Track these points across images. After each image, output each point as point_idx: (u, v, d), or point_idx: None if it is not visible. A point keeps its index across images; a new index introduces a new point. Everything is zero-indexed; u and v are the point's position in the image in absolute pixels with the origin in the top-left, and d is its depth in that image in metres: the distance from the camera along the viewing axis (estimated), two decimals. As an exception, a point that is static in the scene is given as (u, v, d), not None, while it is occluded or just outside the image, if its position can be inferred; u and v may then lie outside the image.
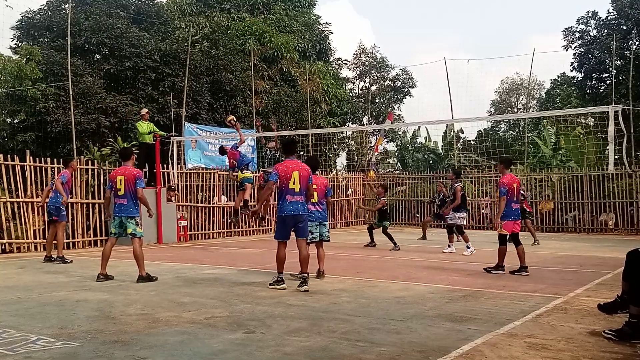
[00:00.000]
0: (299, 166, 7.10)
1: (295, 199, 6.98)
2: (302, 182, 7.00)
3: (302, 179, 7.00)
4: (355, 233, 17.82)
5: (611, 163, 11.10)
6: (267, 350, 4.28)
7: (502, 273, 8.33)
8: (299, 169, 7.04)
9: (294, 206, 6.96)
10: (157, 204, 13.84)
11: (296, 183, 6.96)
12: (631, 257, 4.76)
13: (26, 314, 5.64)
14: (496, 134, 37.39)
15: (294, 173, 6.98)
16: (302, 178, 7.00)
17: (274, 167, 7.35)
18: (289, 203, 6.97)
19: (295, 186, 6.95)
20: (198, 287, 7.32)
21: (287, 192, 6.97)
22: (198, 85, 19.55)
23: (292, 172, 6.98)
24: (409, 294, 6.69)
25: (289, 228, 7.08)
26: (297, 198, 6.98)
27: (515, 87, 45.42)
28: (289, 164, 7.09)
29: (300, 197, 7.01)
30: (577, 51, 26.46)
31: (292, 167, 7.03)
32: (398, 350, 4.27)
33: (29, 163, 12.36)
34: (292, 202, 6.96)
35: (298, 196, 6.99)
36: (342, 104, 27.68)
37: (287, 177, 6.97)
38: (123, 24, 19.45)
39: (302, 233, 7.13)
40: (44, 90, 15.71)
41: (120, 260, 10.47)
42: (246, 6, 25.67)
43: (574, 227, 18.18)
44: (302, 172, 7.04)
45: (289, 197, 6.97)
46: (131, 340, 4.60)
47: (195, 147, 17.74)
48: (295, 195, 6.97)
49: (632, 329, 4.55)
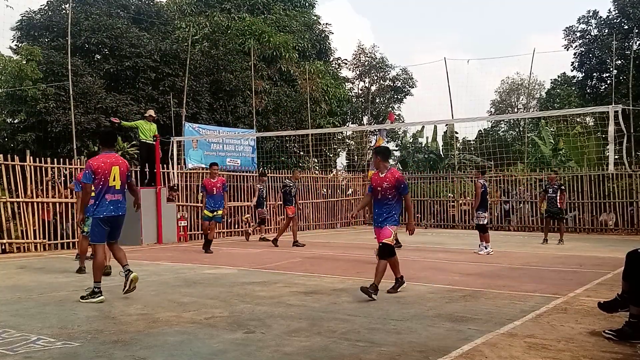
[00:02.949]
0: (118, 160, 6.52)
1: (116, 198, 6.38)
2: (122, 178, 6.43)
3: (122, 175, 6.43)
4: (355, 233, 17.82)
5: (611, 163, 11.11)
6: (267, 350, 4.28)
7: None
8: (118, 164, 6.45)
9: (114, 205, 6.35)
10: (157, 204, 13.87)
11: (116, 179, 6.36)
12: (631, 257, 4.77)
13: (26, 314, 5.64)
14: (496, 134, 37.41)
15: (114, 168, 6.37)
16: (122, 174, 6.44)
17: (86, 164, 6.70)
18: (109, 202, 6.32)
19: (116, 183, 6.36)
20: (198, 287, 7.32)
21: (106, 190, 6.32)
22: (198, 85, 19.55)
23: (112, 168, 6.36)
24: (409, 294, 6.69)
25: (106, 230, 6.41)
26: (117, 196, 6.39)
27: (516, 87, 45.44)
28: (106, 158, 6.43)
29: (120, 195, 6.43)
30: (578, 51, 26.44)
31: (111, 162, 6.40)
32: (398, 350, 4.27)
33: (29, 163, 12.37)
34: (112, 202, 6.34)
35: (118, 194, 6.41)
36: (342, 104, 27.68)
37: (106, 174, 6.32)
38: (123, 24, 19.45)
39: (117, 235, 6.57)
40: (44, 90, 15.71)
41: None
42: (246, 6, 25.67)
43: (574, 227, 18.17)
44: (121, 167, 6.46)
45: (108, 195, 6.32)
46: (131, 340, 4.60)
47: (197, 147, 17.74)
48: (116, 193, 6.39)
49: (632, 329, 4.55)
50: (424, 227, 20.36)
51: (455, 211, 20.70)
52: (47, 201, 12.43)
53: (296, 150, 24.09)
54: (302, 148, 23.84)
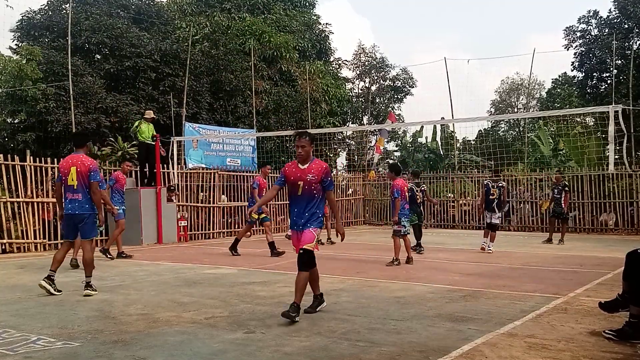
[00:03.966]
0: (79, 161, 6.71)
1: (74, 197, 6.64)
2: (79, 177, 6.61)
3: (79, 174, 6.60)
4: (355, 233, 17.81)
5: (611, 163, 11.10)
6: (267, 350, 4.28)
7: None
8: (77, 164, 6.67)
9: (72, 204, 6.65)
10: (157, 204, 13.88)
11: (74, 179, 6.62)
12: (631, 258, 4.77)
13: (26, 314, 5.65)
14: (496, 134, 37.39)
15: (72, 168, 6.65)
16: (79, 174, 6.61)
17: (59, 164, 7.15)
18: (68, 201, 6.69)
19: (73, 183, 6.62)
20: (198, 287, 7.32)
21: (67, 189, 6.69)
22: (198, 85, 19.55)
23: (70, 168, 6.66)
24: (409, 294, 6.69)
25: (70, 228, 6.82)
26: (76, 196, 6.64)
27: (516, 87, 45.44)
28: (70, 158, 6.79)
29: (79, 194, 6.62)
30: (578, 50, 26.43)
31: (72, 162, 6.71)
32: (398, 350, 4.27)
33: (29, 163, 12.37)
34: (71, 200, 6.67)
35: (77, 194, 6.63)
36: (342, 104, 27.67)
37: (66, 173, 6.68)
38: (123, 23, 19.44)
39: (83, 234, 6.77)
40: (44, 90, 15.71)
41: (121, 260, 10.50)
42: (246, 6, 25.66)
43: (574, 227, 18.16)
44: (79, 167, 6.64)
45: (68, 194, 6.68)
46: (131, 340, 4.60)
47: (197, 147, 17.74)
48: (75, 192, 6.64)
49: (633, 328, 4.55)
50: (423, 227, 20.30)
51: (455, 211, 20.69)
52: (47, 201, 12.42)
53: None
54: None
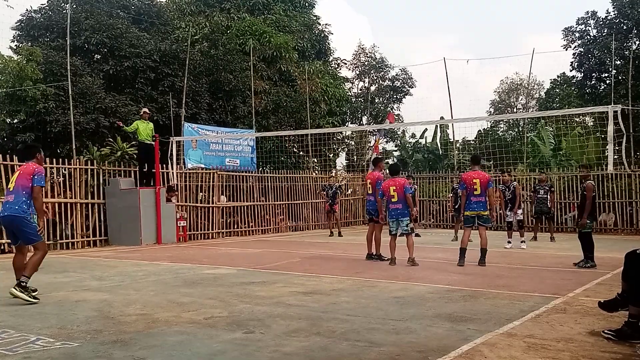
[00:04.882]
0: (22, 168, 6.78)
1: (7, 199, 6.61)
2: (19, 180, 6.60)
3: (19, 177, 6.63)
4: (355, 233, 17.81)
5: (610, 163, 11.09)
6: (267, 351, 4.28)
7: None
8: (20, 170, 6.77)
9: (4, 207, 6.63)
10: (156, 204, 13.87)
11: (12, 182, 6.71)
12: (630, 258, 4.78)
13: (25, 314, 5.64)
14: (496, 134, 37.36)
15: (15, 174, 6.81)
16: (19, 177, 6.63)
17: None
18: (2, 204, 6.72)
19: (10, 185, 6.70)
20: (198, 287, 7.31)
21: (6, 193, 6.81)
22: (197, 85, 19.54)
23: (15, 174, 6.85)
24: (409, 294, 6.69)
25: (8, 232, 6.86)
26: (8, 197, 6.62)
27: (515, 87, 45.45)
28: (21, 168, 6.88)
29: (11, 196, 6.57)
30: (577, 51, 26.44)
31: (18, 169, 6.88)
32: (397, 350, 4.28)
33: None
34: (4, 203, 6.66)
35: (10, 195, 6.61)
36: (341, 104, 27.66)
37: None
38: (123, 24, 19.43)
39: (22, 239, 6.60)
40: (43, 90, 15.70)
41: (120, 260, 10.50)
42: (246, 6, 25.65)
43: (574, 227, 18.15)
44: (21, 171, 6.69)
45: (3, 197, 6.79)
46: (130, 340, 4.60)
47: (197, 147, 17.74)
48: (8, 194, 6.66)
49: (632, 329, 4.55)
50: (423, 226, 20.34)
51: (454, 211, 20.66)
52: (47, 201, 12.41)
53: (296, 150, 24.08)
54: (302, 148, 23.82)
